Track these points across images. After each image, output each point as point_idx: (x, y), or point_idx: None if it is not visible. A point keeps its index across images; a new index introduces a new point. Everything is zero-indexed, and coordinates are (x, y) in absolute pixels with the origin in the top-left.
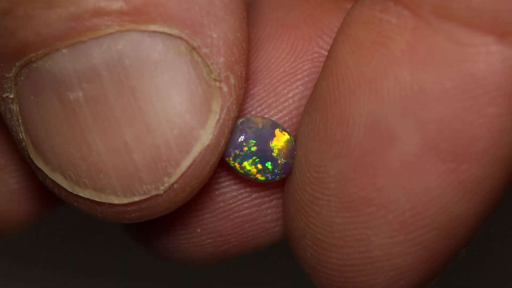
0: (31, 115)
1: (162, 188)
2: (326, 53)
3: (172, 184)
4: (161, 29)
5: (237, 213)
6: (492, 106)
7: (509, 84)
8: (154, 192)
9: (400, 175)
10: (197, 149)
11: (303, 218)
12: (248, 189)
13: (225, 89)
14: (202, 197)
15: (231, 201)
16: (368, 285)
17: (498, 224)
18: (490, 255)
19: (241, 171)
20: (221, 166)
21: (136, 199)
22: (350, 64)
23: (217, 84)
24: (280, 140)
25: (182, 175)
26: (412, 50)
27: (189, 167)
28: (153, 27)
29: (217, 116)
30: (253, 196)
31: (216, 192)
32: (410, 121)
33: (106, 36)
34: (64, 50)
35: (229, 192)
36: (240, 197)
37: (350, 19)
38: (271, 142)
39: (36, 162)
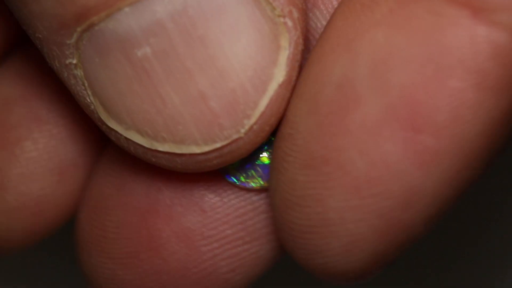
0: (98, 77)
1: (242, 130)
2: None
3: (252, 125)
4: None
5: (192, 270)
6: (455, 80)
7: (475, 60)
8: (235, 136)
9: (359, 138)
10: (272, 87)
11: (274, 176)
12: (197, 246)
13: (289, 23)
14: (158, 262)
15: (184, 259)
16: (324, 249)
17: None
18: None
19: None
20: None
21: (218, 145)
22: (338, 24)
23: (282, 19)
24: None
25: (261, 115)
26: (392, 14)
27: (266, 106)
28: None
29: (287, 52)
30: (204, 250)
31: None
32: (376, 84)
33: None
34: (126, 9)
35: (180, 250)
36: (191, 254)
37: None
38: None
39: (108, 123)
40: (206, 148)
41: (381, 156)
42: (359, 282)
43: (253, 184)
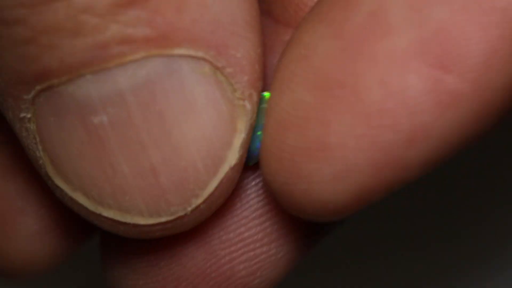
0: (51, 136)
1: (189, 209)
2: None
3: (199, 205)
4: (186, 52)
5: (210, 275)
6: (494, 26)
7: None
8: (181, 213)
9: (383, 67)
10: (224, 170)
11: (275, 96)
12: (215, 250)
13: (248, 106)
14: (177, 268)
15: (202, 265)
16: (314, 175)
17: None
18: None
19: None
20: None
21: (163, 220)
22: None
23: (241, 102)
24: None
25: (210, 196)
26: None
27: (216, 188)
28: (178, 51)
29: (242, 135)
30: (222, 254)
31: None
32: (412, 16)
33: (131, 62)
34: (88, 76)
35: (198, 256)
36: (209, 259)
37: None
38: None
39: (55, 181)
40: (150, 221)
41: (401, 88)
42: (333, 217)
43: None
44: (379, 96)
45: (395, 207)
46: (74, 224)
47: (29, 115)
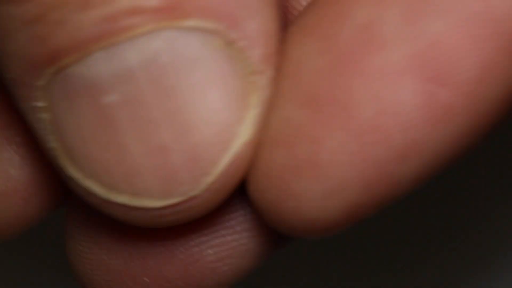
0: (64, 122)
1: (201, 188)
2: None
3: (211, 184)
4: (197, 24)
5: (178, 256)
6: (490, 40)
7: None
8: (192, 193)
9: (374, 82)
10: (236, 146)
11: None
12: (185, 231)
13: (262, 82)
14: (143, 245)
15: (170, 244)
16: (303, 193)
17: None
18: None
19: None
20: None
21: (174, 201)
22: None
23: (254, 77)
24: None
25: (222, 174)
26: None
27: (228, 165)
28: (188, 23)
29: (256, 111)
30: (191, 236)
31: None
32: (406, 29)
33: (141, 35)
34: (98, 53)
35: (167, 235)
36: (178, 239)
37: None
38: None
39: (68, 171)
40: (161, 203)
41: (394, 104)
42: (324, 235)
43: None
44: (371, 112)
45: (395, 207)
46: (42, 191)
47: (42, 104)
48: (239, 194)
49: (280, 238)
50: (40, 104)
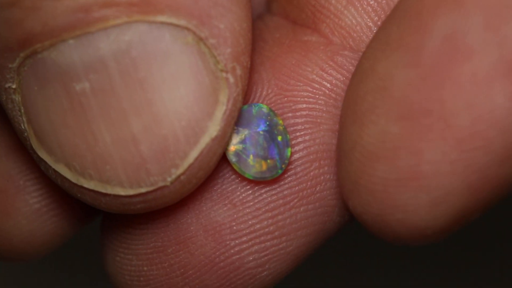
0: (35, 106)
1: (169, 179)
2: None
3: (179, 176)
4: (168, 20)
5: (219, 264)
6: None
7: None
8: (161, 184)
9: (467, 90)
10: (204, 140)
11: (356, 129)
12: (225, 239)
13: (231, 79)
14: (183, 255)
15: (211, 253)
16: (410, 204)
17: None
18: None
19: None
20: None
21: (143, 190)
22: None
23: (224, 75)
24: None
25: (190, 166)
26: None
27: (196, 158)
28: (160, 18)
29: (224, 107)
30: (231, 244)
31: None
32: (491, 36)
33: (114, 27)
34: (70, 41)
35: (207, 244)
36: (218, 248)
37: None
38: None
39: (39, 153)
40: (131, 192)
41: (489, 109)
42: (431, 241)
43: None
44: (468, 120)
45: None
46: (76, 205)
47: (14, 86)
48: (275, 200)
49: (315, 239)
50: (12, 85)
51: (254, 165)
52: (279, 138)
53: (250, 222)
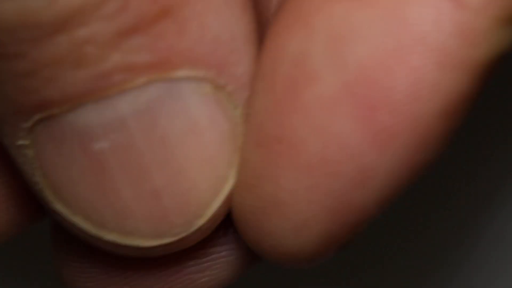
0: (50, 162)
1: (192, 229)
2: None
3: (202, 225)
4: (187, 74)
5: (161, 267)
6: (415, 57)
7: (437, 38)
8: (184, 234)
9: (314, 116)
10: (226, 189)
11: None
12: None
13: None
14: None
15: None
16: (275, 231)
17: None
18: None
19: None
20: None
21: (166, 241)
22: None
23: (242, 119)
24: None
25: (213, 215)
26: None
27: (219, 207)
28: (179, 73)
29: (240, 152)
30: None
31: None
32: (333, 60)
33: (132, 88)
34: (89, 105)
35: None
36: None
37: None
38: None
39: (54, 206)
40: (153, 243)
41: (336, 135)
42: (310, 265)
43: None
44: (317, 146)
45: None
46: (32, 199)
47: (27, 142)
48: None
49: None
50: (25, 142)
51: None
52: None
53: None
